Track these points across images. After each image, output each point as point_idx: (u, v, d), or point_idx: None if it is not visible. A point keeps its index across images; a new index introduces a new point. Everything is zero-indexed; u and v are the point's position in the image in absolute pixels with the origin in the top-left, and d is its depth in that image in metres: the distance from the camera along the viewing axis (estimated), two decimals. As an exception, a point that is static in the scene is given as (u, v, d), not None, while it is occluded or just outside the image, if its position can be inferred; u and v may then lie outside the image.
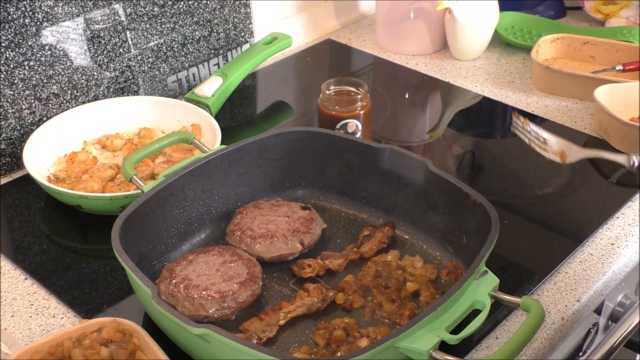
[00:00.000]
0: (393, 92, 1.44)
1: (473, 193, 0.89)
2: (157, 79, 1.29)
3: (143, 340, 0.76)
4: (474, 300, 0.78)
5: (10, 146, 1.13)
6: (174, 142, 1.04)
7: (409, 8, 1.46)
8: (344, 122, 1.11)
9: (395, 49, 1.52)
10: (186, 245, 0.95)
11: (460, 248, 0.91)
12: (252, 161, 1.00)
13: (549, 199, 1.11)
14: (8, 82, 1.10)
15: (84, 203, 1.01)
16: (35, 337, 0.86)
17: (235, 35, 1.39)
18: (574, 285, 0.93)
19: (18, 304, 0.91)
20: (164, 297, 0.83)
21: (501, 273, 0.82)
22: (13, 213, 1.06)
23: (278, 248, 0.92)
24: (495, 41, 1.52)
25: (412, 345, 0.72)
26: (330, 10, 1.61)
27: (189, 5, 1.28)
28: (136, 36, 1.23)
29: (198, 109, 1.19)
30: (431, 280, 0.89)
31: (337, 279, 0.91)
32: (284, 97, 1.40)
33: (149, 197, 0.89)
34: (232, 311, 0.83)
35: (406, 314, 0.84)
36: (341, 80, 1.13)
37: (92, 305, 0.90)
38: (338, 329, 0.82)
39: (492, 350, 0.84)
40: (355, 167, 1.01)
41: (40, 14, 1.10)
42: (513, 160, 1.22)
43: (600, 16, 1.58)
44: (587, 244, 1.00)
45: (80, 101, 1.19)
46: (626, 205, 1.06)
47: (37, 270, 0.96)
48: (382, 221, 0.99)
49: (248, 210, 0.97)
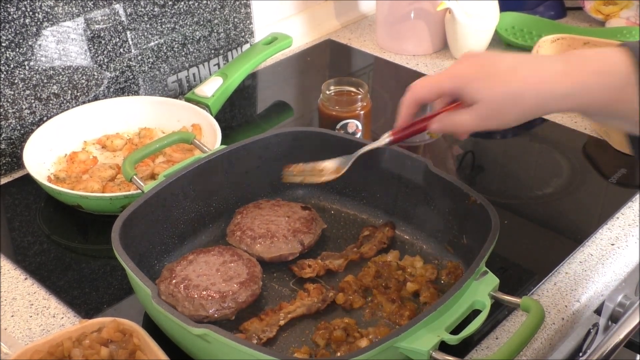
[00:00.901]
0: (393, 92, 1.44)
1: (473, 193, 0.89)
2: (158, 79, 1.29)
3: (143, 340, 0.76)
4: (474, 300, 0.78)
5: (10, 146, 1.13)
6: (174, 142, 1.04)
7: (409, 8, 1.46)
8: (344, 122, 1.10)
9: (395, 49, 1.52)
10: (186, 245, 0.95)
11: (460, 248, 0.91)
12: (252, 161, 1.00)
13: (549, 199, 1.11)
14: (8, 82, 1.10)
15: (84, 203, 1.01)
16: (35, 337, 0.86)
17: (235, 35, 1.39)
18: (574, 286, 0.93)
19: (18, 304, 0.91)
20: (164, 297, 0.83)
21: (501, 273, 0.82)
22: (13, 213, 1.06)
23: (278, 248, 0.92)
24: (496, 41, 1.52)
25: (412, 346, 0.72)
26: (331, 11, 1.61)
27: (189, 5, 1.28)
28: (136, 36, 1.23)
29: (198, 109, 1.19)
30: (431, 280, 0.89)
31: (337, 279, 0.91)
32: (284, 97, 1.40)
33: (149, 197, 0.89)
34: (232, 311, 0.83)
35: (406, 314, 0.84)
36: (341, 80, 1.13)
37: (92, 305, 0.90)
38: (338, 329, 0.82)
39: (492, 350, 0.84)
40: (356, 168, 1.01)
41: (41, 14, 1.10)
42: (513, 160, 1.23)
43: (601, 16, 1.58)
44: (587, 244, 1.00)
45: (80, 101, 1.19)
46: (626, 205, 1.06)
47: (37, 270, 0.96)
48: (382, 221, 0.99)
49: (248, 210, 0.97)
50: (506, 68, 0.73)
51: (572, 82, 0.70)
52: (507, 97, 0.72)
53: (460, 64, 0.76)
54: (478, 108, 0.74)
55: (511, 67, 0.73)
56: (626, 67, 0.68)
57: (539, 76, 0.71)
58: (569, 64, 0.71)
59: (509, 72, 0.73)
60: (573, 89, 0.70)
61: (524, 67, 0.73)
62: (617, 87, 0.69)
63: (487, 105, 0.73)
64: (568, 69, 0.71)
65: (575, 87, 0.70)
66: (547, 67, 0.72)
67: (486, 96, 0.73)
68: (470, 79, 0.74)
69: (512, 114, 0.73)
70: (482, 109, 0.74)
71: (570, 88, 0.70)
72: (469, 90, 0.74)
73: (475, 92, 0.74)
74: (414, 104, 0.81)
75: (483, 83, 0.73)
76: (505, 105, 0.73)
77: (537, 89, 0.71)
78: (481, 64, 0.74)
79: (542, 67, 0.72)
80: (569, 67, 0.71)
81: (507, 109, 0.73)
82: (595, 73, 0.70)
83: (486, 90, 0.73)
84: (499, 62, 0.74)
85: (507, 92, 0.72)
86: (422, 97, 0.80)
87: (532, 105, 0.72)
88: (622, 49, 0.69)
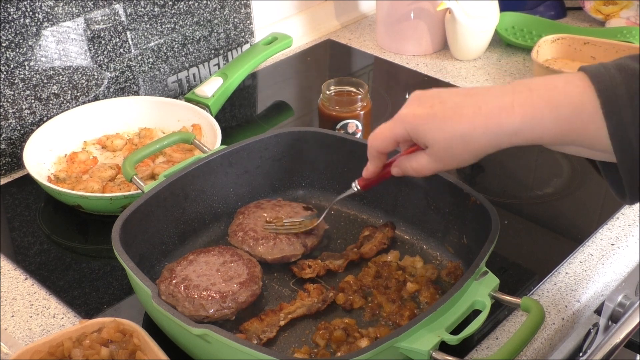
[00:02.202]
0: (393, 93, 1.44)
1: (473, 193, 0.89)
2: (158, 79, 1.29)
3: (143, 340, 0.76)
4: (474, 300, 0.78)
5: (10, 146, 1.13)
6: (174, 142, 1.04)
7: (409, 8, 1.46)
8: (344, 122, 1.11)
9: (395, 49, 1.52)
10: (186, 245, 0.95)
11: (461, 248, 0.91)
12: (252, 161, 1.00)
13: (549, 199, 1.11)
14: (8, 82, 1.10)
15: (84, 203, 1.01)
16: (35, 337, 0.86)
17: (235, 35, 1.39)
18: (574, 286, 0.93)
19: (18, 304, 0.91)
20: (164, 297, 0.83)
21: (501, 273, 0.82)
22: (13, 213, 1.06)
23: (280, 249, 0.92)
24: (496, 41, 1.52)
25: (412, 346, 0.72)
26: (331, 11, 1.61)
27: (189, 6, 1.28)
28: (136, 36, 1.23)
29: (198, 109, 1.19)
30: (431, 280, 0.89)
31: (337, 279, 0.91)
32: (284, 97, 1.40)
33: (149, 197, 0.89)
34: (232, 311, 0.83)
35: (406, 314, 0.84)
36: (341, 80, 1.13)
37: (92, 305, 0.90)
38: (338, 329, 0.82)
39: (492, 350, 0.84)
40: (356, 168, 1.01)
41: (41, 14, 1.10)
42: (513, 160, 1.23)
43: (601, 16, 1.58)
44: (587, 244, 1.00)
45: (80, 101, 1.19)
46: (626, 205, 1.06)
47: (37, 270, 0.96)
48: (383, 221, 0.99)
49: (250, 210, 0.97)
50: (452, 106, 0.70)
51: (522, 116, 0.67)
52: (455, 138, 0.70)
53: (410, 106, 0.74)
54: (431, 150, 0.72)
55: (457, 106, 0.70)
56: (579, 95, 0.65)
57: (485, 114, 0.68)
58: (516, 96, 0.68)
59: (455, 111, 0.70)
60: (523, 123, 0.67)
61: (470, 104, 0.69)
62: (568, 118, 0.65)
63: (439, 147, 0.71)
64: (516, 102, 0.67)
65: (525, 122, 0.67)
66: (495, 102, 0.68)
67: (436, 138, 0.71)
68: (419, 123, 0.72)
69: (464, 154, 0.71)
70: (435, 151, 0.72)
71: (519, 123, 0.67)
72: (420, 133, 0.72)
73: (425, 135, 0.72)
74: (377, 155, 0.80)
75: (432, 125, 0.71)
76: (455, 146, 0.70)
77: (485, 127, 0.68)
78: (430, 104, 0.72)
79: (488, 103, 0.69)
80: (517, 100, 0.67)
81: (457, 149, 0.71)
82: (545, 104, 0.66)
83: (435, 132, 0.71)
84: (447, 101, 0.71)
85: (454, 133, 0.70)
86: (380, 147, 0.78)
87: (483, 144, 0.69)
88: (579, 75, 0.66)
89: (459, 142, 0.70)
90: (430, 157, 0.74)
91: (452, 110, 0.70)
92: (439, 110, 0.71)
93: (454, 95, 0.71)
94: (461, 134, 0.69)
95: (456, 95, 0.71)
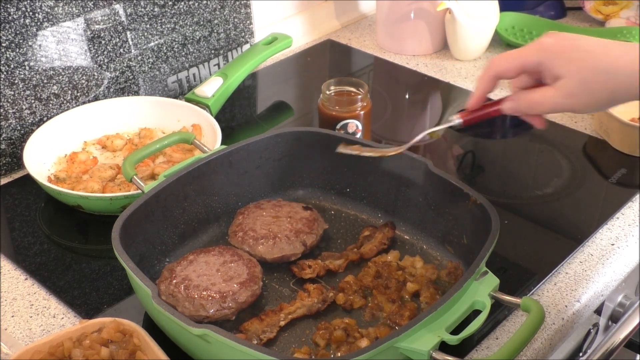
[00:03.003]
0: (393, 93, 1.44)
1: (473, 193, 0.89)
2: (158, 79, 1.29)
3: (143, 340, 0.76)
4: (474, 300, 0.78)
5: (10, 146, 1.13)
6: (174, 143, 1.04)
7: (409, 8, 1.46)
8: (344, 122, 1.11)
9: (395, 49, 1.52)
10: (186, 245, 0.95)
11: (461, 248, 0.91)
12: (252, 161, 1.00)
13: (549, 199, 1.11)
14: (8, 82, 1.10)
15: (84, 203, 1.01)
16: (35, 337, 0.86)
17: (235, 35, 1.39)
18: (574, 286, 0.93)
19: (18, 304, 0.91)
20: (164, 297, 0.83)
21: (501, 273, 0.82)
22: (13, 213, 1.06)
23: (281, 249, 0.92)
24: (496, 41, 1.52)
25: (412, 346, 0.72)
26: (331, 11, 1.61)
27: (189, 6, 1.28)
28: (136, 36, 1.23)
29: (198, 109, 1.19)
30: (431, 280, 0.89)
31: (337, 279, 0.91)
32: (284, 97, 1.40)
33: (149, 197, 0.89)
34: (232, 311, 0.83)
35: (406, 314, 0.84)
36: (341, 80, 1.13)
37: (92, 305, 0.90)
38: (338, 329, 0.82)
39: (492, 350, 0.84)
40: (356, 168, 1.01)
41: (41, 14, 1.10)
42: (513, 160, 1.23)
43: (601, 17, 1.58)
44: (587, 244, 1.00)
45: (80, 101, 1.19)
46: (626, 205, 1.06)
47: (37, 270, 0.96)
48: (383, 221, 0.99)
49: (249, 210, 0.97)
50: (597, 44, 0.67)
51: None
52: (598, 72, 0.66)
53: (547, 38, 0.70)
54: (564, 84, 0.68)
55: (603, 45, 0.67)
56: None
57: (631, 58, 0.66)
58: None
59: (601, 48, 0.67)
60: None
61: (615, 46, 0.67)
62: None
63: (575, 80, 0.67)
64: None
65: None
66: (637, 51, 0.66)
67: (574, 70, 0.67)
68: (557, 51, 0.68)
69: (602, 92, 0.67)
70: (569, 85, 0.68)
71: None
72: (556, 63, 0.68)
73: (562, 65, 0.68)
74: (493, 79, 0.75)
75: (573, 55, 0.67)
76: (595, 81, 0.67)
77: (631, 68, 0.66)
78: (569, 37, 0.69)
79: (633, 50, 0.66)
80: None
81: (597, 85, 0.67)
82: None
83: (575, 64, 0.67)
84: (589, 39, 0.68)
85: (598, 67, 0.66)
86: (503, 71, 0.73)
87: (623, 85, 0.66)
88: None
89: (600, 78, 0.67)
90: (558, 91, 0.69)
91: (596, 47, 0.67)
92: (583, 42, 0.68)
93: (595, 38, 0.69)
94: (605, 69, 0.67)
95: (597, 38, 0.69)
